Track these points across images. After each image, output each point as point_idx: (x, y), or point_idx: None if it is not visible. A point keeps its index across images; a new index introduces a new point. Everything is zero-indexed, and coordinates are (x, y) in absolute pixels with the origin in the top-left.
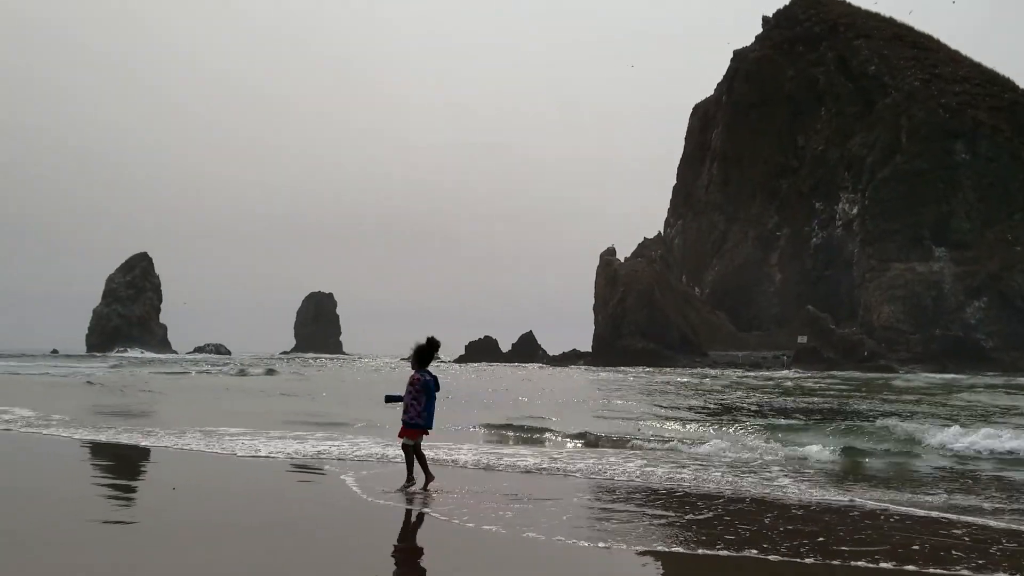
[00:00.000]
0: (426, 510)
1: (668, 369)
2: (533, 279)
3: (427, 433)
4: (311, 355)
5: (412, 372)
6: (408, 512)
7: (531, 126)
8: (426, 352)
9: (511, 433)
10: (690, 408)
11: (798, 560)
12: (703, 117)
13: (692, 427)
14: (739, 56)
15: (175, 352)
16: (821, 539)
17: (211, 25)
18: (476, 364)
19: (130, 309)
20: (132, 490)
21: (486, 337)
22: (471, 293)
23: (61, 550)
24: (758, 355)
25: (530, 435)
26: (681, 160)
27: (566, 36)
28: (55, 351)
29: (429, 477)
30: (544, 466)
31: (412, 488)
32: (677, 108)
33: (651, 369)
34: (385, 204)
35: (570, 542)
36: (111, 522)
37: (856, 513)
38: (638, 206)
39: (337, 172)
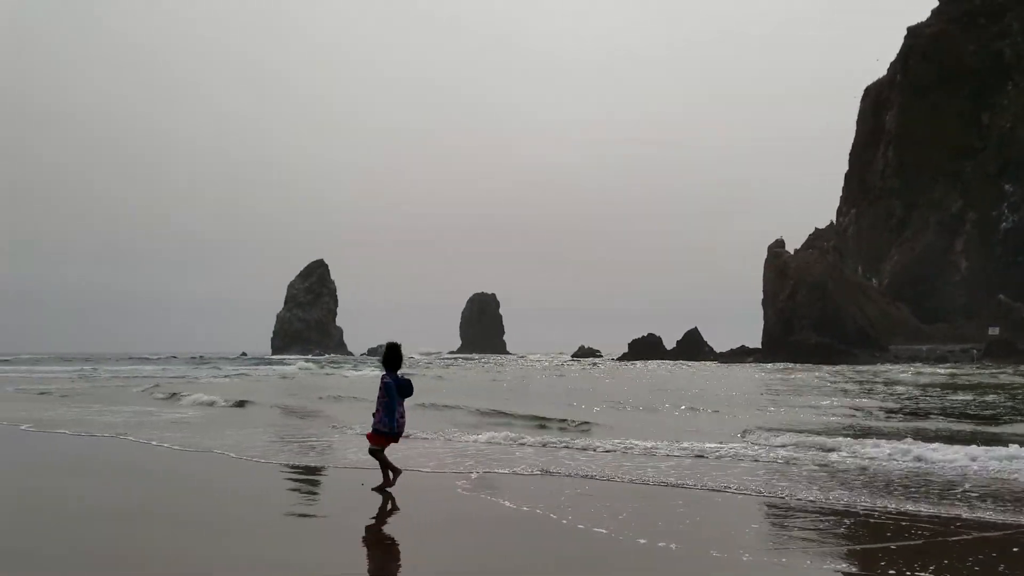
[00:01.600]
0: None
1: (863, 368)
2: (697, 275)
3: (394, 440)
4: (477, 355)
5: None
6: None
7: (690, 118)
8: (388, 357)
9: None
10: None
11: None
12: (875, 99)
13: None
14: (913, 33)
15: (351, 353)
16: None
17: (368, 28)
18: (639, 362)
19: (309, 313)
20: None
21: (649, 334)
22: (633, 290)
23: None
24: (944, 349)
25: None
26: (853, 145)
27: (715, 23)
28: (244, 354)
29: (385, 482)
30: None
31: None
32: (845, 92)
33: (839, 367)
34: (545, 203)
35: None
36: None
37: None
38: (806, 196)
39: (499, 172)
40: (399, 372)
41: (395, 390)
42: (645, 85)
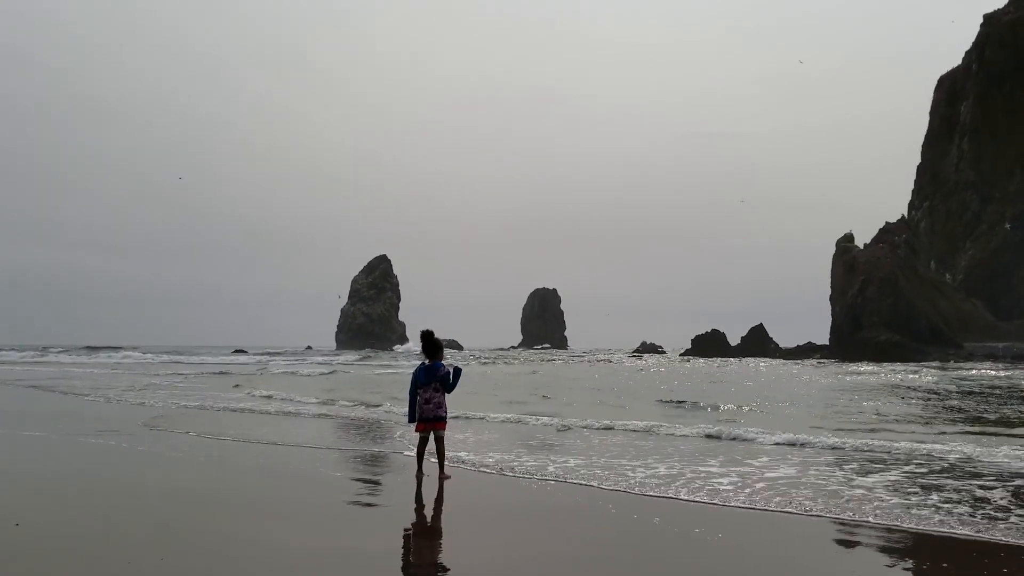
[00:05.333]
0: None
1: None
2: (763, 270)
3: (427, 425)
4: (540, 349)
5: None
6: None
7: (754, 110)
8: (424, 346)
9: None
10: None
11: None
12: (949, 90)
13: None
14: (990, 20)
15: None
16: None
17: (427, 27)
18: (701, 359)
19: (372, 308)
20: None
21: (713, 331)
22: (697, 286)
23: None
24: (1022, 346)
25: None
26: (926, 137)
27: (786, 10)
28: (309, 347)
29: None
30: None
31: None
32: (917, 83)
33: (926, 365)
34: (608, 198)
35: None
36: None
37: None
38: (876, 190)
39: (559, 168)
40: (441, 360)
41: (420, 376)
42: (708, 71)
